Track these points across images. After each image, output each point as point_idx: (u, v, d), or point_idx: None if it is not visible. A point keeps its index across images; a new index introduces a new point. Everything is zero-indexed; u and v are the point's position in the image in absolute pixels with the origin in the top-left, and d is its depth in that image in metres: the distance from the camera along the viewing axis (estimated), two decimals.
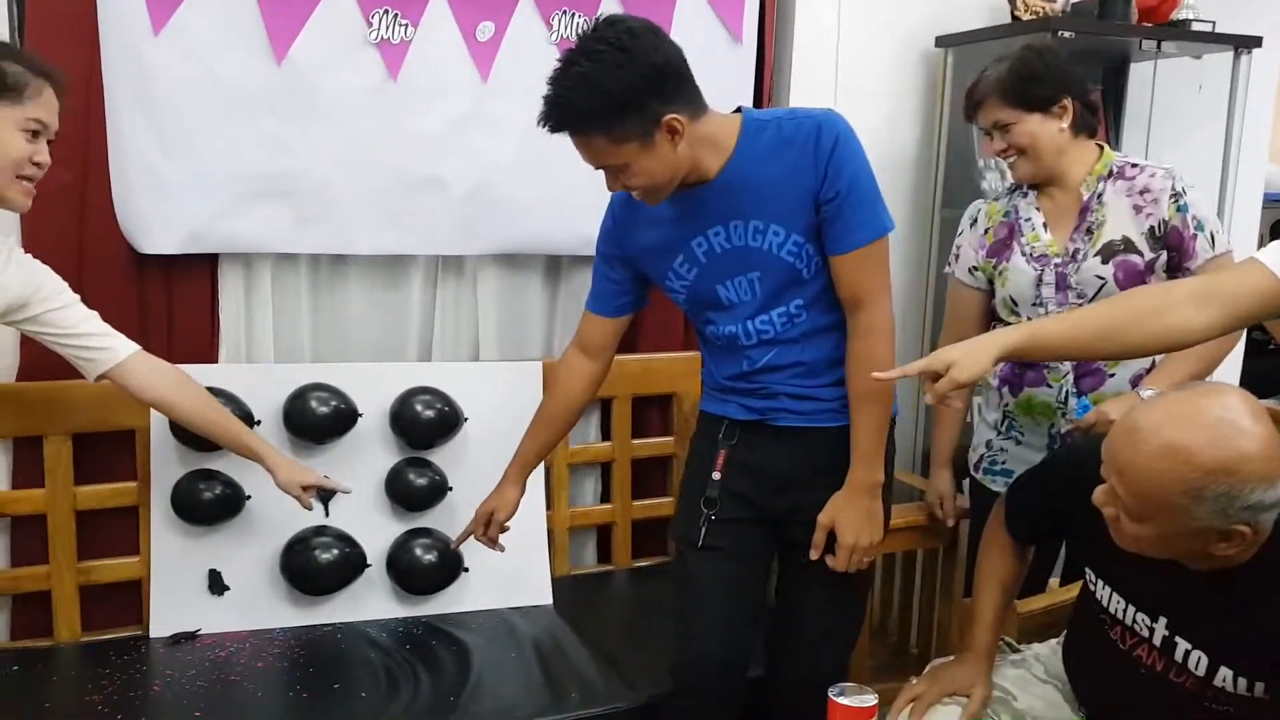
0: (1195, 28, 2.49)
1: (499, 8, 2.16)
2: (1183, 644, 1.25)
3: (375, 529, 2.12)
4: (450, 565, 2.11)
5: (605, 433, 2.45)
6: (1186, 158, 2.53)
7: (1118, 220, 1.77)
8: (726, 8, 2.36)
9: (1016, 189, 1.91)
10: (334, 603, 2.08)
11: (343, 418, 2.09)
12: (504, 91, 2.16)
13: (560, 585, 2.25)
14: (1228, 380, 2.42)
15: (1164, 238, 1.75)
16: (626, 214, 1.63)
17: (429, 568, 2.10)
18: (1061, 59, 1.83)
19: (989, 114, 1.83)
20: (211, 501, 2.00)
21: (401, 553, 2.10)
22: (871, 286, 1.52)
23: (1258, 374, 2.84)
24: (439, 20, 2.12)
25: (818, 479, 1.58)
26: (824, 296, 1.55)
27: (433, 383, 2.18)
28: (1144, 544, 1.20)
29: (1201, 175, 2.33)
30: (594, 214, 1.72)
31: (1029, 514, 1.55)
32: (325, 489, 1.92)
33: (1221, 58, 2.57)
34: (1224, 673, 1.22)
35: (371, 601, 2.11)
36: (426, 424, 2.14)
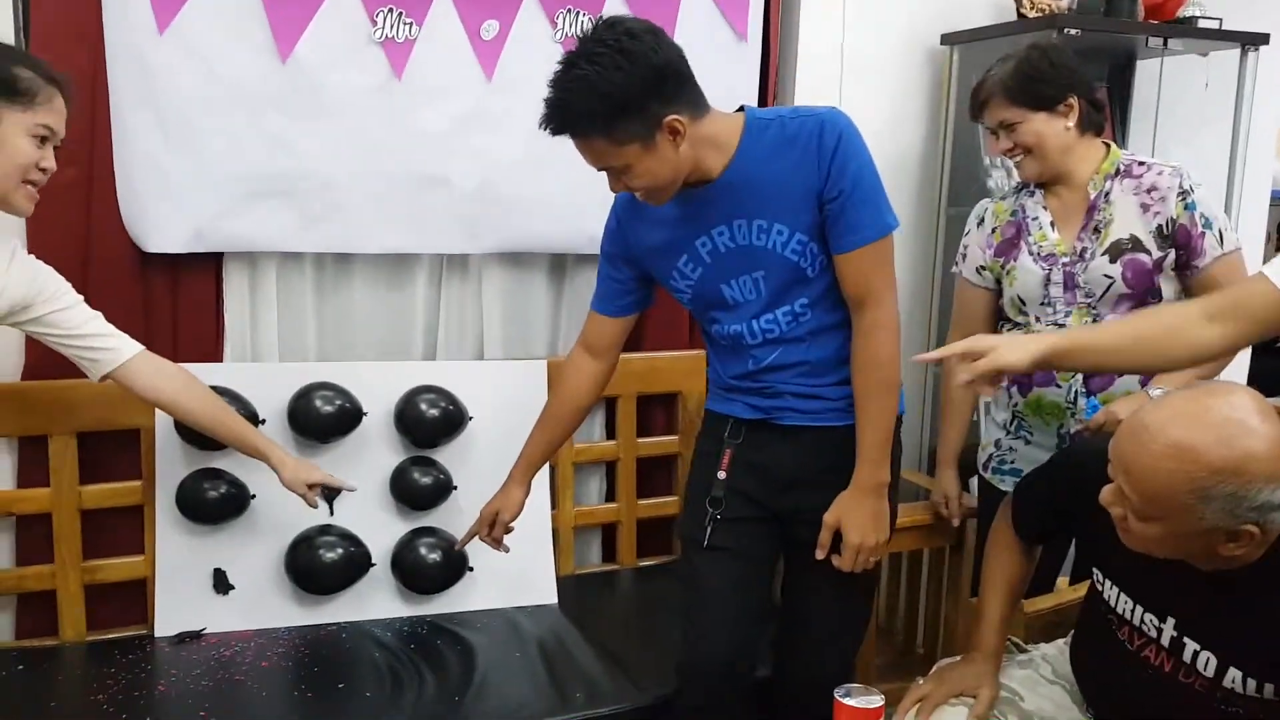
0: (1202, 24, 2.48)
1: (503, 6, 2.16)
2: (1191, 644, 1.25)
3: (380, 528, 2.12)
4: (455, 565, 2.11)
5: (610, 431, 2.45)
6: (1193, 155, 2.52)
7: (1125, 219, 1.77)
8: (731, 6, 2.36)
9: (1023, 188, 1.90)
10: (339, 602, 2.08)
11: (347, 417, 2.09)
12: (508, 90, 2.16)
13: (565, 584, 2.25)
14: (1235, 379, 2.42)
15: (1172, 236, 1.74)
16: (630, 214, 1.63)
17: (434, 567, 2.10)
18: (1067, 57, 1.82)
19: (994, 113, 1.82)
20: (216, 500, 2.00)
21: (406, 552, 2.10)
22: (876, 285, 1.51)
23: (1265, 373, 2.83)
24: (443, 19, 2.12)
25: (823, 478, 1.57)
26: (829, 295, 1.55)
27: (437, 381, 2.18)
28: (1151, 544, 1.19)
29: (1209, 173, 2.33)
30: (599, 212, 1.72)
31: (1035, 513, 1.54)
32: (331, 488, 1.92)
33: (1228, 55, 2.56)
34: (1233, 674, 1.21)
35: (376, 601, 2.11)
36: (431, 423, 2.14)
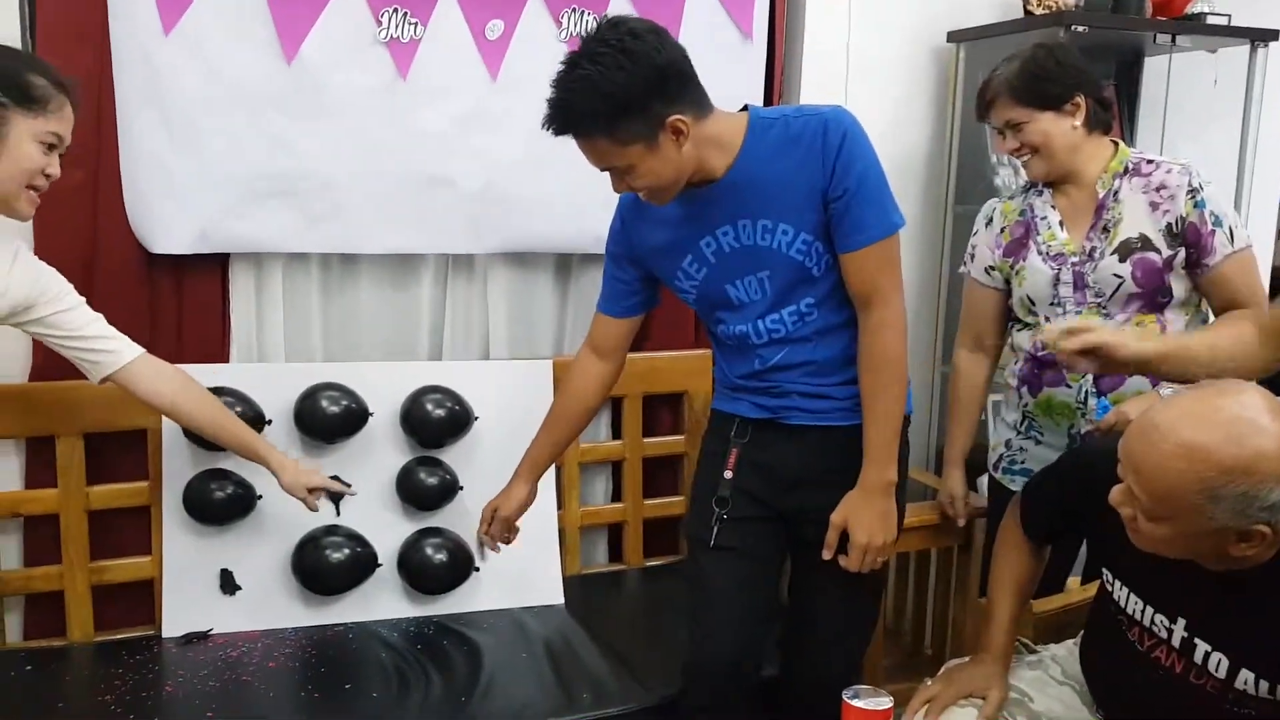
0: (1211, 21, 2.47)
1: (508, 6, 2.16)
2: (1202, 645, 1.24)
3: (386, 528, 2.11)
4: (461, 565, 2.11)
5: (616, 431, 2.44)
6: (1202, 153, 2.50)
7: (1134, 218, 1.75)
8: (736, 4, 2.35)
9: (1031, 187, 1.89)
10: (345, 602, 2.08)
11: (353, 417, 2.09)
12: (513, 90, 2.15)
13: (571, 585, 2.24)
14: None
15: (1181, 234, 1.73)
16: (635, 214, 1.63)
17: (440, 567, 2.10)
18: (1073, 56, 1.81)
19: (1001, 113, 1.81)
20: (223, 501, 2.00)
21: (412, 552, 2.10)
22: (882, 284, 1.50)
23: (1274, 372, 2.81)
24: (448, 19, 2.12)
25: (830, 478, 1.57)
26: (835, 294, 1.54)
27: (443, 382, 2.18)
28: (1161, 544, 1.18)
29: (1218, 170, 2.31)
30: (604, 212, 1.71)
31: (1044, 513, 1.53)
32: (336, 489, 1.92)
33: (1237, 51, 2.54)
34: (1245, 675, 1.20)
35: (382, 601, 2.11)
36: (437, 423, 2.14)
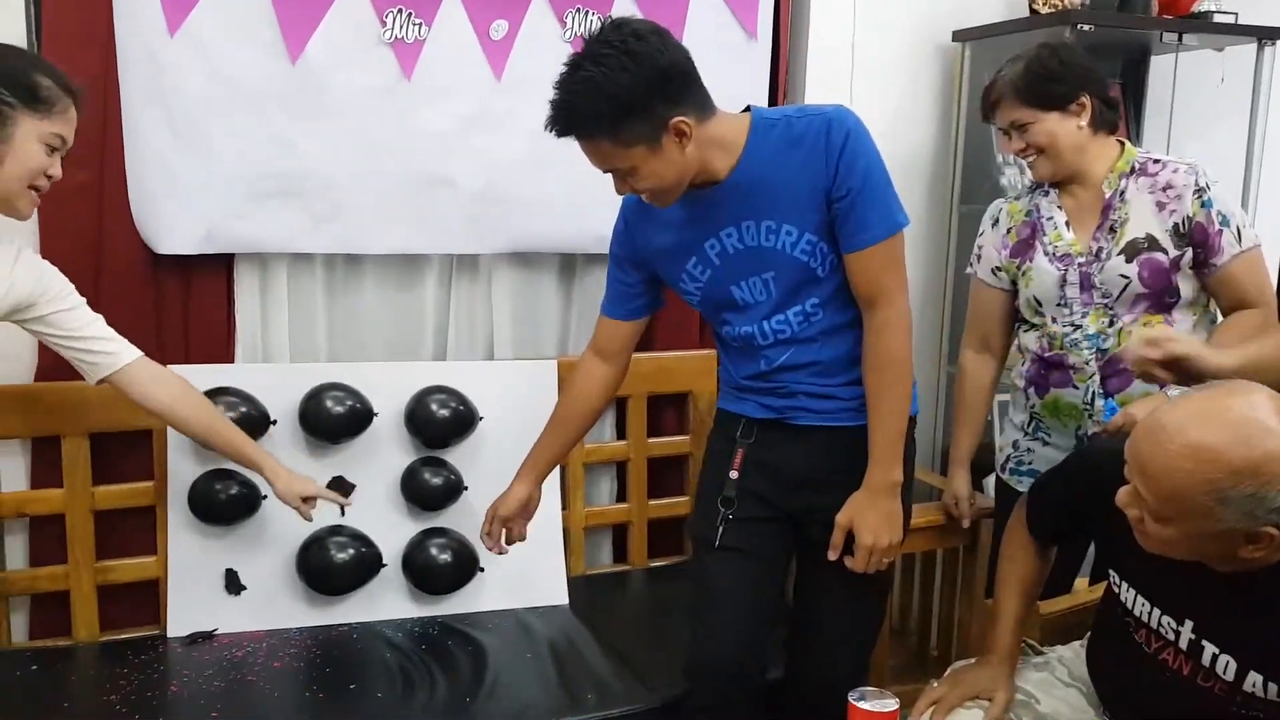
0: (1217, 19, 2.46)
1: (512, 6, 2.16)
2: (1210, 648, 1.23)
3: (391, 528, 2.11)
4: (466, 565, 2.11)
5: (621, 432, 2.44)
6: (1209, 152, 2.50)
7: (1141, 218, 1.75)
8: (741, 4, 2.35)
9: (1038, 187, 1.89)
10: (350, 602, 2.08)
11: (358, 417, 2.09)
12: (518, 90, 2.15)
13: (576, 585, 2.24)
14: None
15: (1188, 234, 1.73)
16: (638, 217, 1.62)
17: (445, 567, 2.10)
18: (1078, 56, 1.81)
19: (1006, 114, 1.81)
20: (228, 501, 2.00)
21: (417, 552, 2.10)
22: (887, 283, 1.50)
23: None
24: (452, 19, 2.12)
25: (836, 478, 1.56)
26: (840, 294, 1.54)
27: (448, 382, 2.18)
28: (1169, 546, 1.18)
29: (1225, 169, 2.30)
30: (608, 212, 1.71)
31: (1050, 514, 1.53)
32: (341, 489, 1.92)
33: (1244, 50, 2.53)
34: (1253, 678, 1.20)
35: (387, 601, 2.11)
36: (442, 423, 2.14)
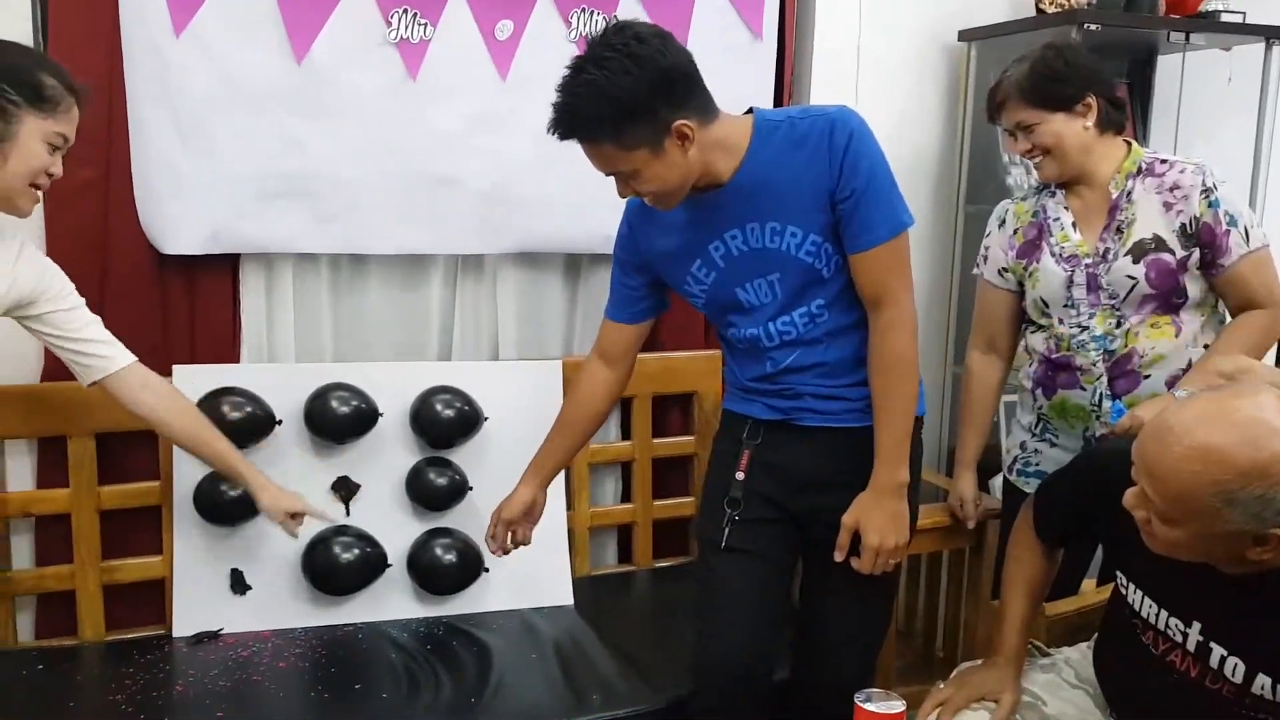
0: (1225, 19, 2.45)
1: (518, 6, 2.16)
2: (1218, 650, 1.23)
3: (396, 529, 2.11)
4: (471, 565, 2.11)
5: (626, 432, 2.44)
6: (1217, 152, 2.49)
7: (1148, 218, 1.74)
8: (746, 4, 2.34)
9: (1044, 188, 1.88)
10: (355, 602, 2.08)
11: (363, 417, 2.09)
12: (523, 90, 2.15)
13: (581, 586, 2.24)
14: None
15: (1196, 235, 1.72)
16: (642, 220, 1.62)
17: (449, 568, 2.09)
18: (1083, 56, 1.80)
19: (1011, 115, 1.80)
20: (233, 501, 2.00)
21: (422, 552, 2.10)
22: (892, 284, 1.49)
23: None
24: (458, 19, 2.12)
25: (843, 479, 1.56)
26: (845, 295, 1.53)
27: (453, 382, 2.18)
28: (1176, 548, 1.17)
29: (1232, 169, 2.29)
30: (613, 213, 1.71)
31: (1057, 515, 1.52)
32: (347, 490, 1.92)
33: (1252, 49, 2.52)
34: (1262, 680, 1.19)
35: (392, 601, 2.11)
36: (447, 423, 2.14)
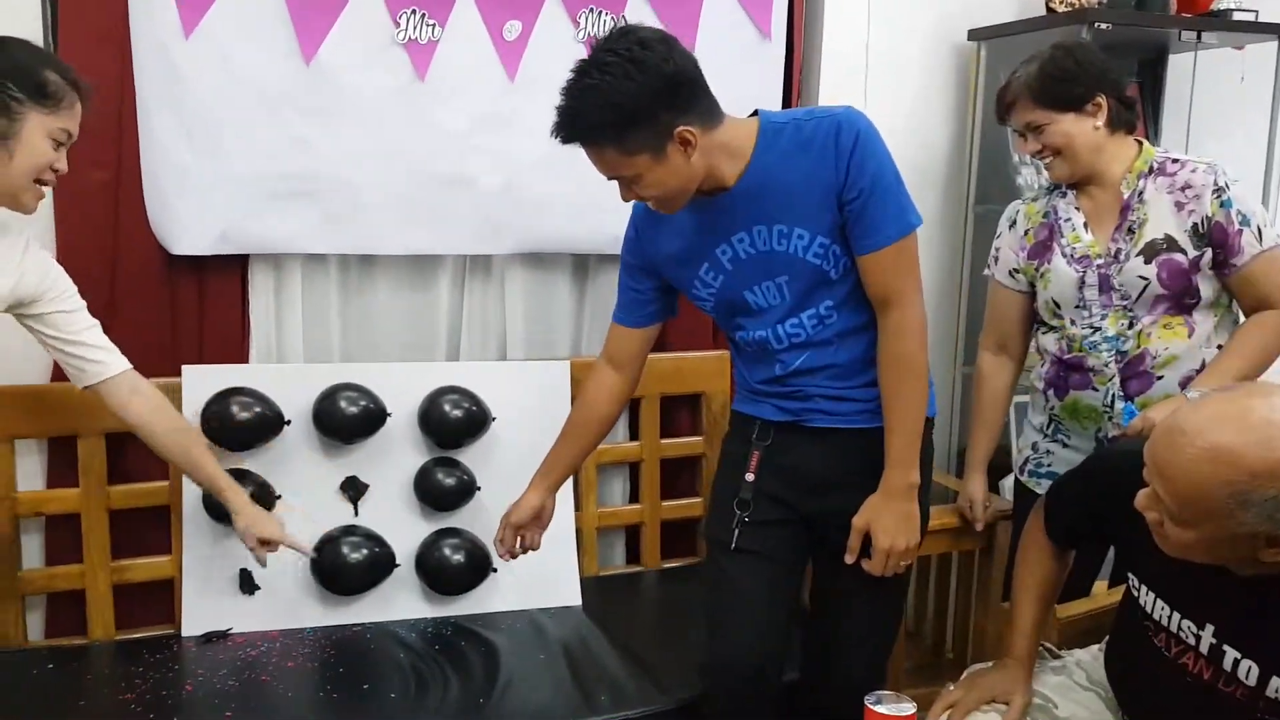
0: (1237, 17, 2.44)
1: (526, 7, 2.16)
2: (1231, 653, 1.22)
3: (404, 529, 2.12)
4: (479, 565, 2.11)
5: (634, 432, 2.43)
6: (1229, 151, 2.47)
7: (1159, 218, 1.73)
8: (755, 4, 2.34)
9: (1055, 188, 1.87)
10: (363, 602, 2.08)
11: (372, 417, 2.09)
12: (531, 90, 2.15)
13: (589, 586, 2.24)
14: (1278, 380, 2.36)
15: (1208, 235, 1.71)
16: (649, 224, 1.62)
17: (458, 568, 2.09)
18: (1092, 55, 1.79)
19: (1021, 116, 1.79)
20: None
21: (430, 553, 2.10)
22: (901, 285, 1.49)
23: None
24: (466, 20, 2.12)
25: (853, 480, 1.55)
26: (854, 296, 1.53)
27: (461, 382, 2.18)
28: (1189, 549, 1.16)
29: (1245, 169, 2.27)
30: (621, 213, 1.70)
31: (1068, 517, 1.51)
32: (355, 490, 1.92)
33: (1265, 48, 2.51)
34: (1276, 683, 1.18)
35: (400, 601, 2.11)
36: (455, 423, 2.14)
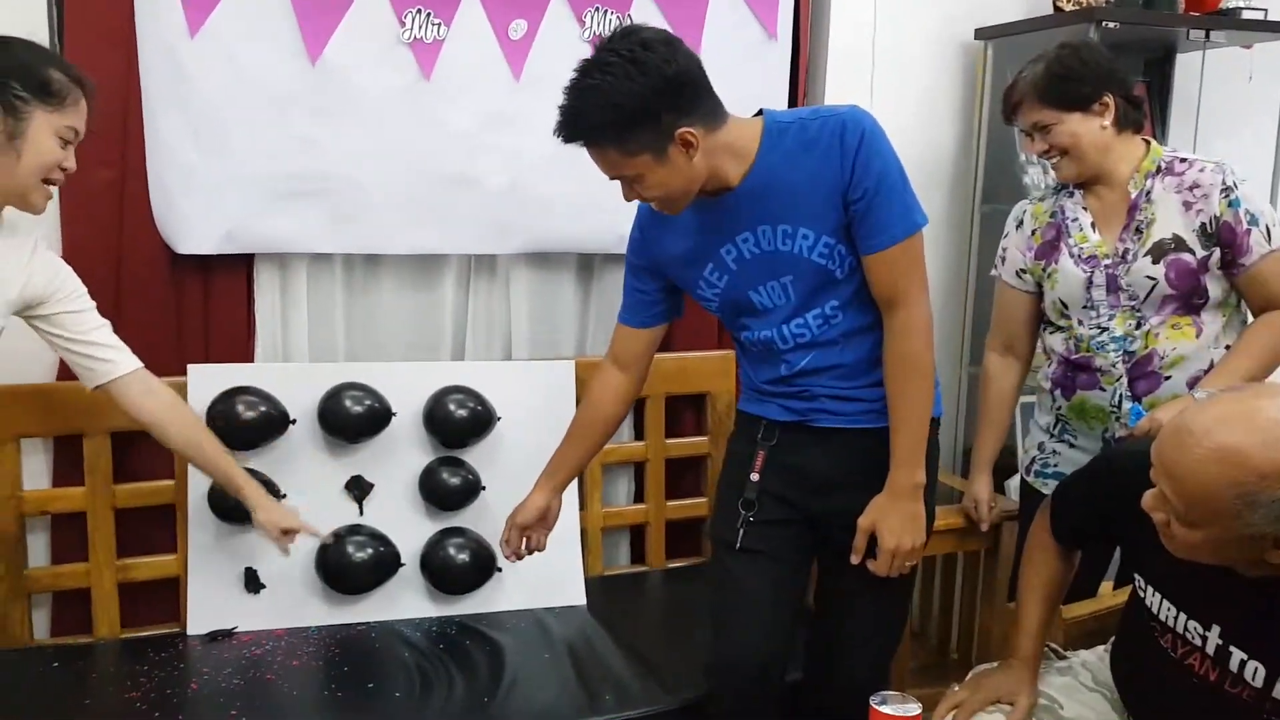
0: (1246, 16, 2.43)
1: (531, 6, 2.15)
2: (1238, 654, 1.21)
3: (409, 528, 2.12)
4: (483, 565, 2.11)
5: (639, 432, 2.43)
6: (1237, 150, 2.47)
7: (1167, 218, 1.72)
8: (761, 3, 2.33)
9: (1062, 188, 1.86)
10: (368, 601, 2.09)
11: (377, 417, 2.09)
12: (536, 90, 2.14)
13: (594, 586, 2.24)
14: None
15: (1216, 234, 1.70)
16: (653, 224, 1.61)
17: (462, 567, 2.10)
18: (1099, 54, 1.78)
19: (1028, 115, 1.79)
20: None
21: (435, 552, 2.10)
22: (907, 285, 1.48)
23: None
24: (471, 19, 2.12)
25: (859, 480, 1.55)
26: (860, 296, 1.52)
27: (466, 382, 2.18)
28: (1195, 550, 1.16)
29: (1253, 168, 2.28)
30: (626, 213, 1.70)
31: (1075, 517, 1.51)
32: (360, 489, 1.92)
33: (1273, 46, 2.50)
34: None
35: (405, 600, 2.11)
36: (460, 423, 2.14)
